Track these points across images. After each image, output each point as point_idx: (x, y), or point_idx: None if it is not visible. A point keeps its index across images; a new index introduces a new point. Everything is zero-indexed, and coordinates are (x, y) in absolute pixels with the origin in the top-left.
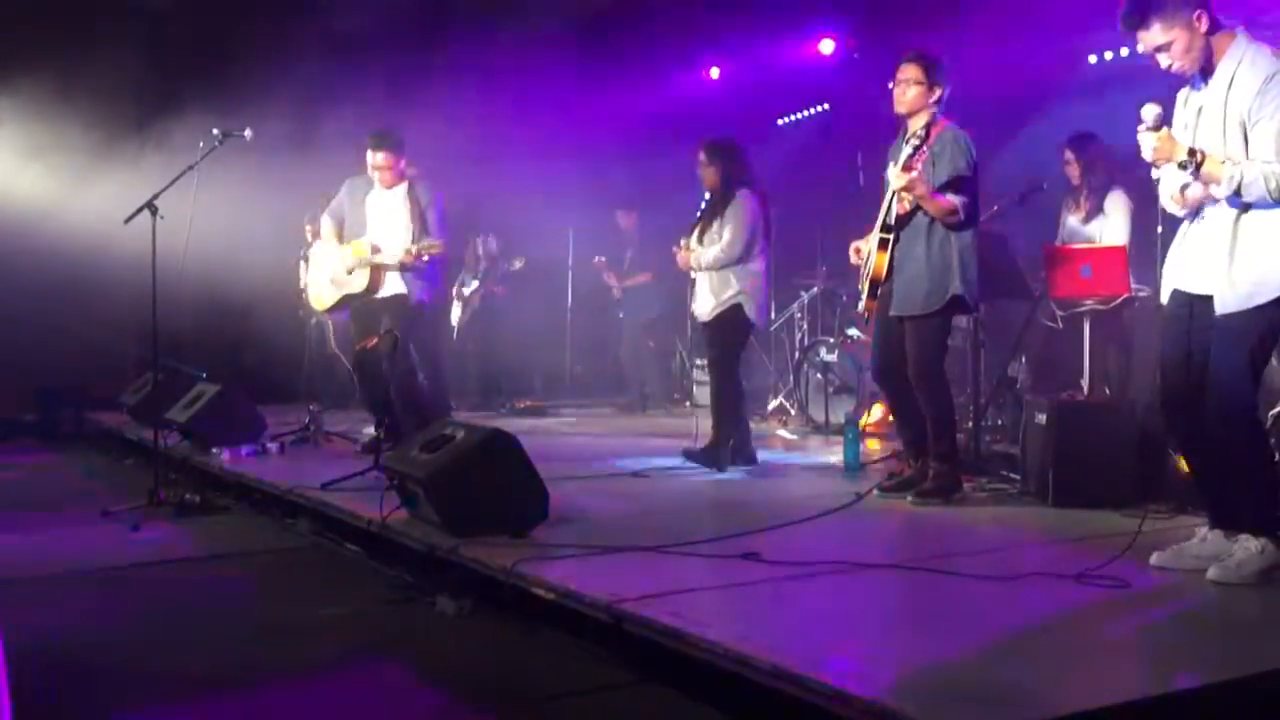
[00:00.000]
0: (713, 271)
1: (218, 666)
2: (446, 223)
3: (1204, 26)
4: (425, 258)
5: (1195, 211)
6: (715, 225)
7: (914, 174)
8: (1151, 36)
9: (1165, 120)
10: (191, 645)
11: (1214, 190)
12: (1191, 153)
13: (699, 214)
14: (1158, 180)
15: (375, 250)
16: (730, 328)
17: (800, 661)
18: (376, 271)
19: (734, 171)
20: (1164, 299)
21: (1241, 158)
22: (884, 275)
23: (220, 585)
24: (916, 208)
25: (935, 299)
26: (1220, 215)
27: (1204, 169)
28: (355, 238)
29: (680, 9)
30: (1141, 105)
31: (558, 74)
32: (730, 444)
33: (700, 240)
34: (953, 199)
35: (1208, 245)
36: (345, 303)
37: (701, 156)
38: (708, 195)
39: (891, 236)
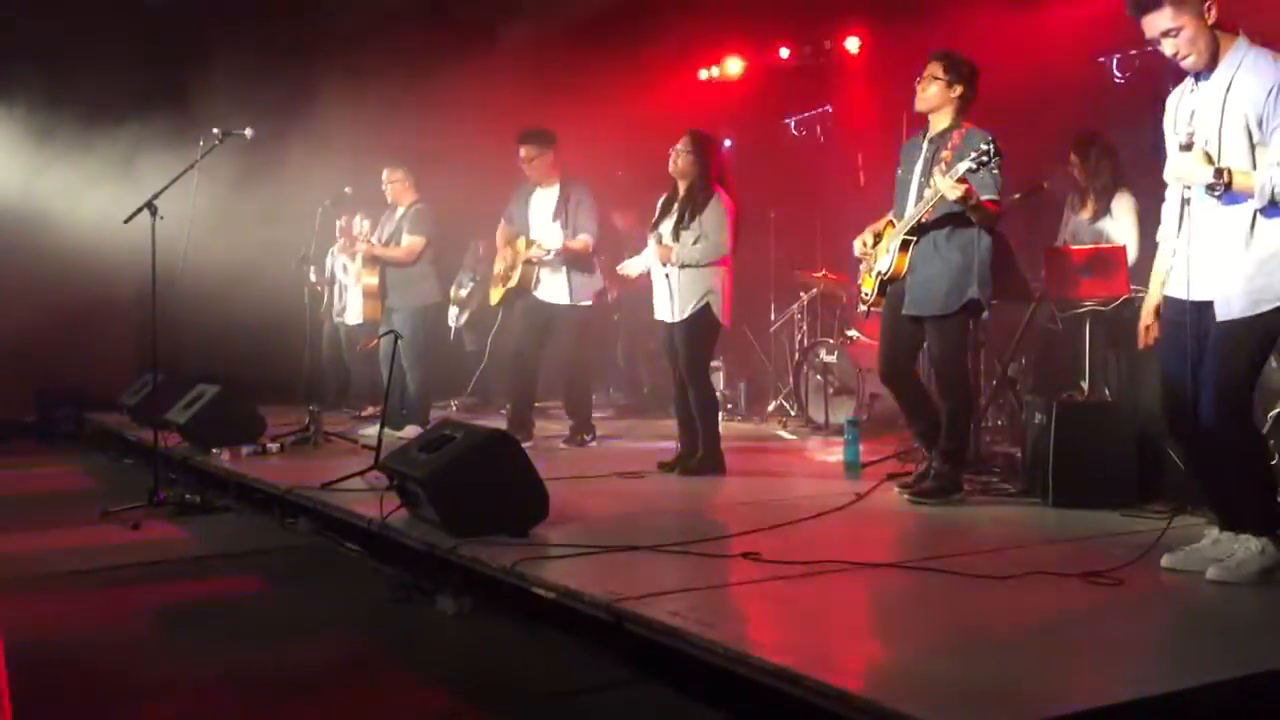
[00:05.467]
0: (684, 270)
1: (218, 667)
2: (594, 220)
3: (1212, 18)
4: (551, 254)
5: (1187, 222)
6: (695, 222)
7: (968, 185)
8: (1160, 20)
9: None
10: (191, 645)
11: (1250, 202)
12: (1219, 172)
13: (666, 207)
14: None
15: (529, 245)
16: (702, 330)
17: (800, 661)
18: (527, 268)
19: (714, 166)
20: (1151, 305)
21: (1243, 162)
22: (902, 275)
23: (220, 585)
24: (942, 211)
25: (954, 299)
26: (1221, 223)
27: (1235, 185)
28: (521, 236)
29: (681, 7)
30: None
31: (558, 73)
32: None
33: (674, 236)
34: (996, 203)
35: (1209, 253)
36: (508, 298)
37: (684, 144)
38: (680, 187)
39: (915, 238)
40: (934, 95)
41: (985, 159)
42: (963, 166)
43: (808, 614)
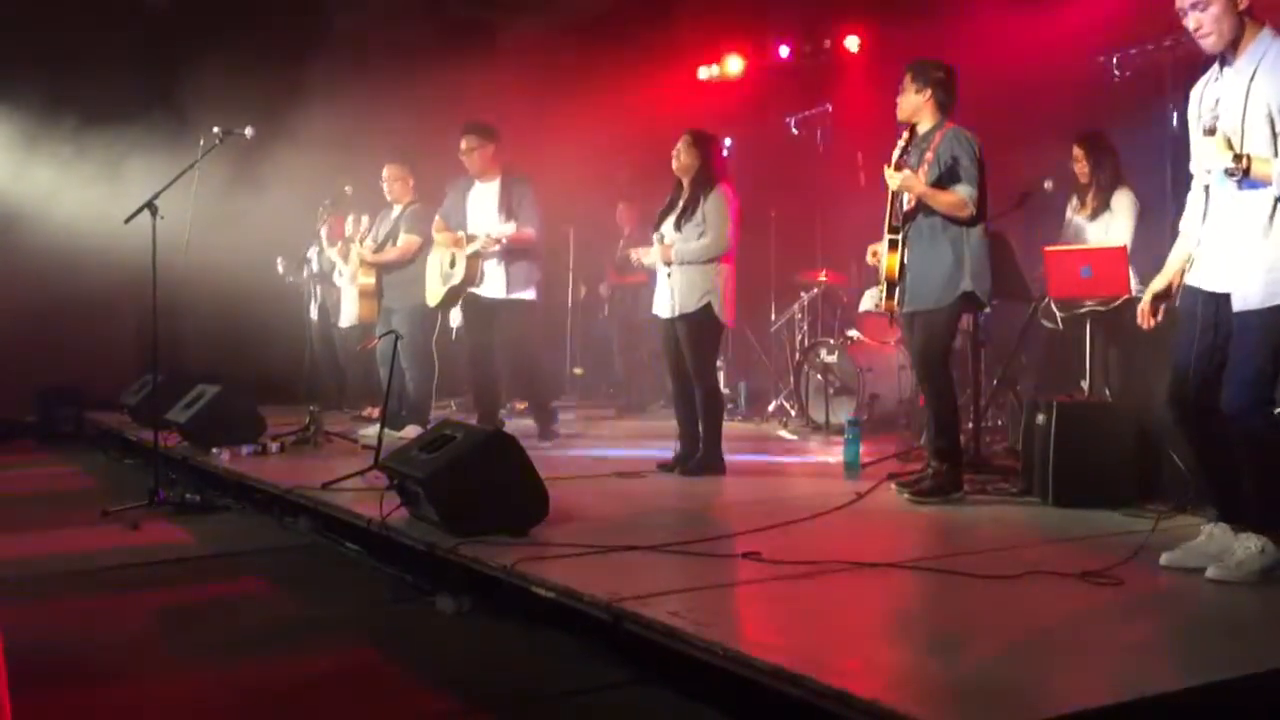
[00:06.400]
0: (684, 267)
1: (218, 667)
2: (537, 215)
3: (1244, 3)
4: (504, 241)
5: (1208, 210)
6: (696, 216)
7: (906, 172)
8: None
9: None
10: (191, 646)
11: (1269, 190)
12: (1238, 157)
13: (670, 205)
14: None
15: (470, 240)
16: (703, 330)
17: (800, 661)
18: (472, 261)
19: (715, 162)
20: (1155, 289)
21: (1265, 152)
22: (898, 275)
23: (220, 585)
24: (920, 206)
25: (946, 294)
26: (1240, 213)
27: (1253, 171)
28: (460, 232)
29: (682, 6)
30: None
31: (558, 71)
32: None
33: (676, 229)
34: (958, 191)
35: (1227, 243)
36: (451, 296)
37: (684, 142)
38: (685, 184)
39: (899, 236)
40: (908, 103)
41: (901, 142)
42: (895, 154)
43: (808, 614)
